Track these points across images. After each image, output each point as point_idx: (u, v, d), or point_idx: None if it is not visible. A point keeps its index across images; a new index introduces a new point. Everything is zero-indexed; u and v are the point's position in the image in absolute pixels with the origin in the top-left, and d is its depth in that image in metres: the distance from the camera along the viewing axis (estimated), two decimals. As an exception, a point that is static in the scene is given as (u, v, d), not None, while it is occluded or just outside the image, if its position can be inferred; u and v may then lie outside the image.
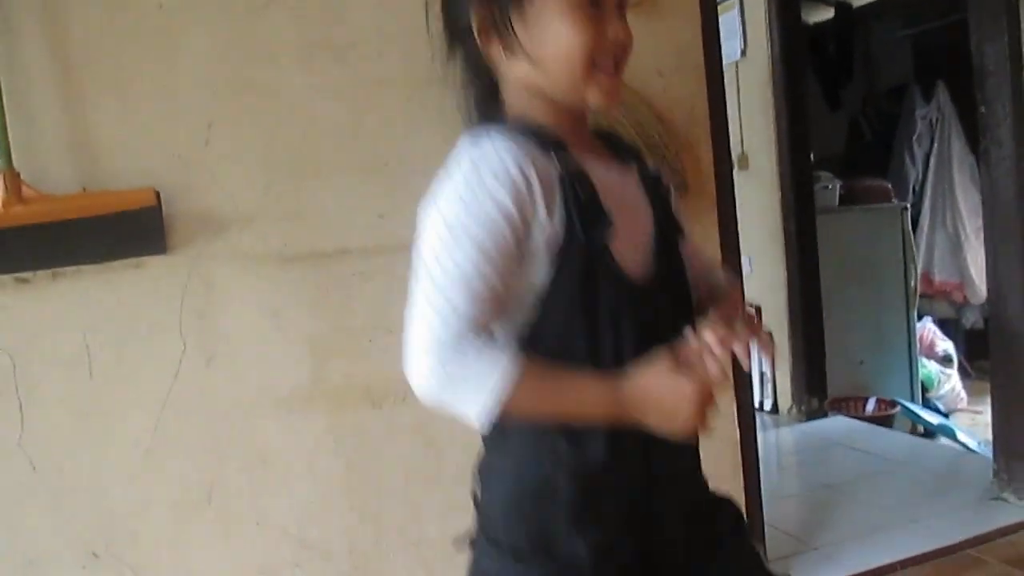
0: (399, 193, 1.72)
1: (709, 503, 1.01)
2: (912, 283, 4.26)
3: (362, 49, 1.71)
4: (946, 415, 4.26)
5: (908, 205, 4.36)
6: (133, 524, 1.59)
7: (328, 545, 1.70)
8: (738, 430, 2.07)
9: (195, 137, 1.61)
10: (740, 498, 2.04)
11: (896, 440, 3.45)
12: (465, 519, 1.77)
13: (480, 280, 0.81)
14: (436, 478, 1.77)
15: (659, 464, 0.90)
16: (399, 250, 1.67)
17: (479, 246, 0.82)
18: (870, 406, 3.91)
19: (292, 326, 1.67)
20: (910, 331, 4.22)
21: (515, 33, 0.88)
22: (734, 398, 2.08)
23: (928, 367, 4.40)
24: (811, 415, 3.75)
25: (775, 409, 3.90)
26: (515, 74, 0.91)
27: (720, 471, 2.01)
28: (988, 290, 2.81)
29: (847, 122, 5.67)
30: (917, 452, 3.26)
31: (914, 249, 4.32)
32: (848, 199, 4.24)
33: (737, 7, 3.84)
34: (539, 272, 0.85)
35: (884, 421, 3.84)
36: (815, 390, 3.78)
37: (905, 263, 4.24)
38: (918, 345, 4.36)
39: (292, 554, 1.68)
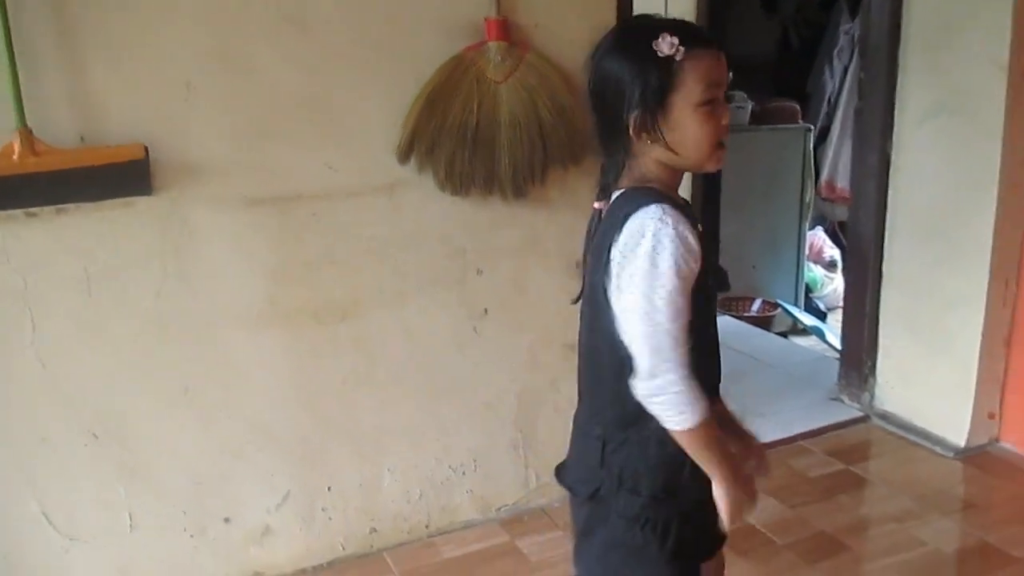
0: (345, 148, 2.06)
1: None
2: (807, 198, 4.72)
3: (322, 24, 1.98)
4: (825, 314, 4.84)
5: (811, 126, 4.76)
6: (124, 412, 1.96)
7: (280, 433, 2.13)
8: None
9: (176, 96, 1.88)
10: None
11: (769, 342, 3.97)
12: (391, 414, 2.22)
13: (679, 318, 1.18)
14: (369, 381, 2.19)
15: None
16: (344, 196, 2.06)
17: (677, 298, 1.17)
18: (755, 306, 4.45)
19: (254, 257, 2.02)
20: (800, 240, 4.73)
21: (661, 131, 1.23)
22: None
23: (814, 271, 4.94)
24: (701, 314, 4.25)
25: (672, 307, 4.39)
26: (652, 155, 1.26)
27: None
28: (849, 211, 3.27)
29: (780, 29, 5.93)
30: (784, 353, 3.80)
31: (812, 166, 4.76)
32: (760, 118, 4.62)
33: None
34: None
35: (766, 321, 4.39)
36: (707, 293, 4.27)
37: (803, 179, 4.69)
38: (807, 251, 4.89)
39: (251, 439, 2.10)
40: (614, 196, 1.28)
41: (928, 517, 2.46)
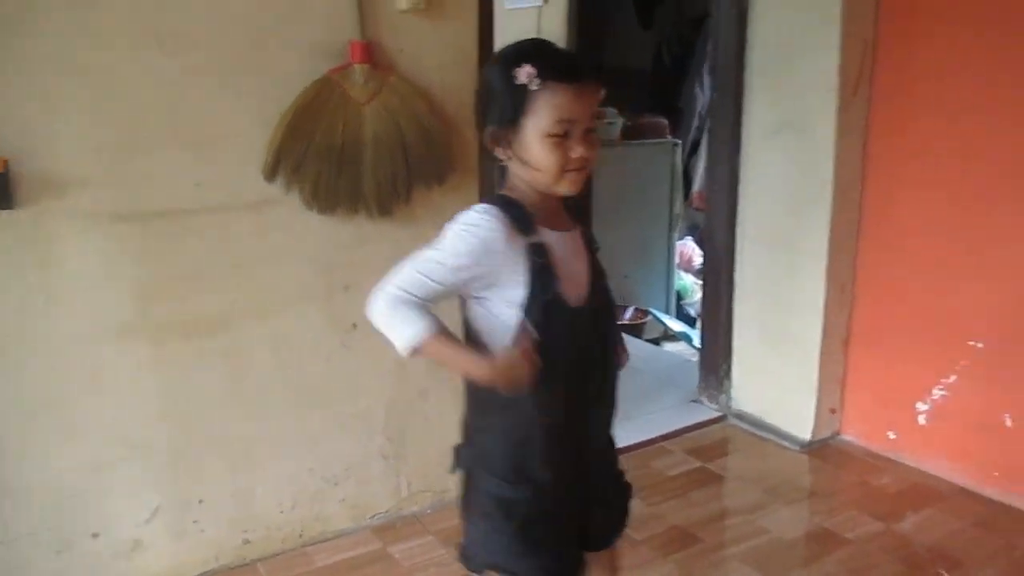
0: (213, 166, 2.10)
1: (613, 466, 1.63)
2: (676, 209, 4.97)
3: (187, 42, 2.01)
4: (695, 320, 5.09)
5: (679, 141, 5.00)
6: (-7, 427, 1.96)
7: (150, 446, 2.14)
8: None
9: (41, 110, 1.88)
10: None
11: (638, 348, 4.15)
12: (262, 426, 2.27)
13: (437, 283, 1.32)
14: (240, 395, 2.23)
15: (590, 435, 1.52)
16: (213, 212, 2.09)
17: (449, 267, 1.31)
18: (628, 314, 4.64)
19: (121, 272, 2.03)
20: (670, 249, 4.96)
21: (514, 149, 1.36)
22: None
23: (685, 279, 5.19)
24: (576, 324, 4.42)
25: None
26: (512, 169, 1.39)
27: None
28: (703, 223, 3.47)
29: (655, 44, 6.18)
30: (651, 359, 3.99)
31: (680, 180, 5.00)
32: (631, 133, 4.83)
33: (540, -44, 4.24)
34: (519, 297, 1.34)
35: (638, 328, 4.59)
36: (581, 301, 4.44)
37: (672, 192, 4.94)
38: (677, 260, 5.13)
39: (120, 453, 2.11)
40: None
41: (774, 507, 2.66)
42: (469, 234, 1.31)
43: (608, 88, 4.39)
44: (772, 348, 3.11)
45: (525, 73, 1.30)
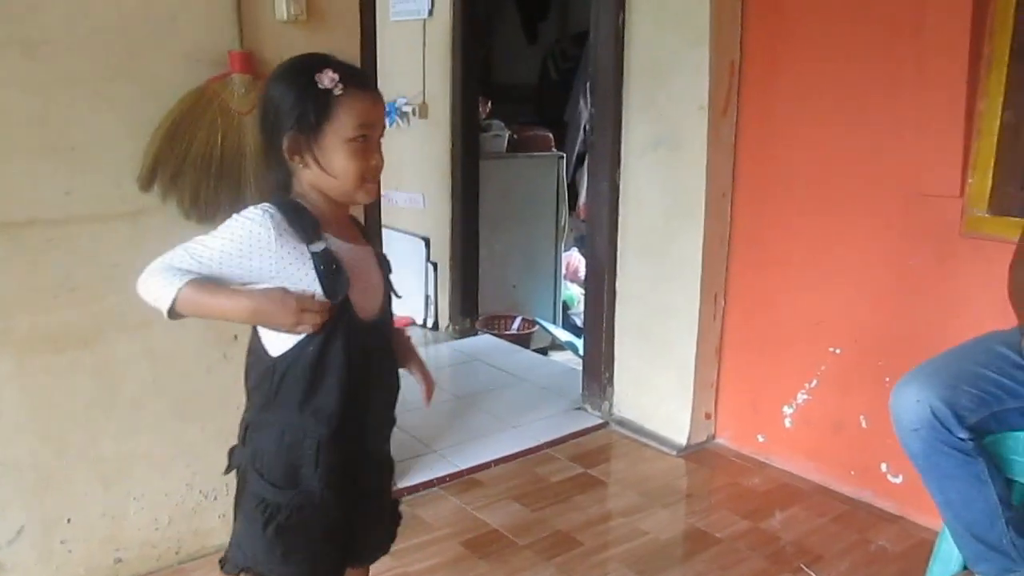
0: (85, 175, 2.05)
1: (387, 466, 1.62)
2: (562, 221, 5.08)
3: (55, 48, 1.96)
4: (580, 330, 5.20)
5: (563, 155, 5.12)
6: None
7: (14, 463, 2.06)
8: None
9: None
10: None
11: (524, 357, 4.23)
12: (136, 441, 2.21)
13: (199, 261, 1.33)
14: (113, 408, 2.17)
15: (367, 441, 1.50)
16: (84, 222, 2.04)
17: (214, 249, 1.32)
18: (515, 324, 4.72)
19: (-16, 284, 1.97)
20: (556, 260, 5.07)
21: (315, 156, 1.36)
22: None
23: (571, 289, 5.30)
24: (463, 333, 4.48)
25: (436, 327, 4.59)
26: (307, 177, 1.39)
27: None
28: (586, 234, 3.58)
29: (541, 59, 6.29)
30: (537, 368, 4.06)
31: (566, 192, 5.12)
32: (517, 146, 4.91)
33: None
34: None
35: (525, 338, 4.67)
36: (468, 312, 4.50)
37: (557, 203, 5.05)
38: (564, 271, 5.24)
39: (-15, 471, 2.03)
40: None
41: (652, 510, 2.75)
42: (238, 224, 1.32)
43: (495, 101, 4.47)
44: (651, 356, 3.23)
45: (329, 78, 1.33)
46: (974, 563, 1.93)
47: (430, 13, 4.29)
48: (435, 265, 4.52)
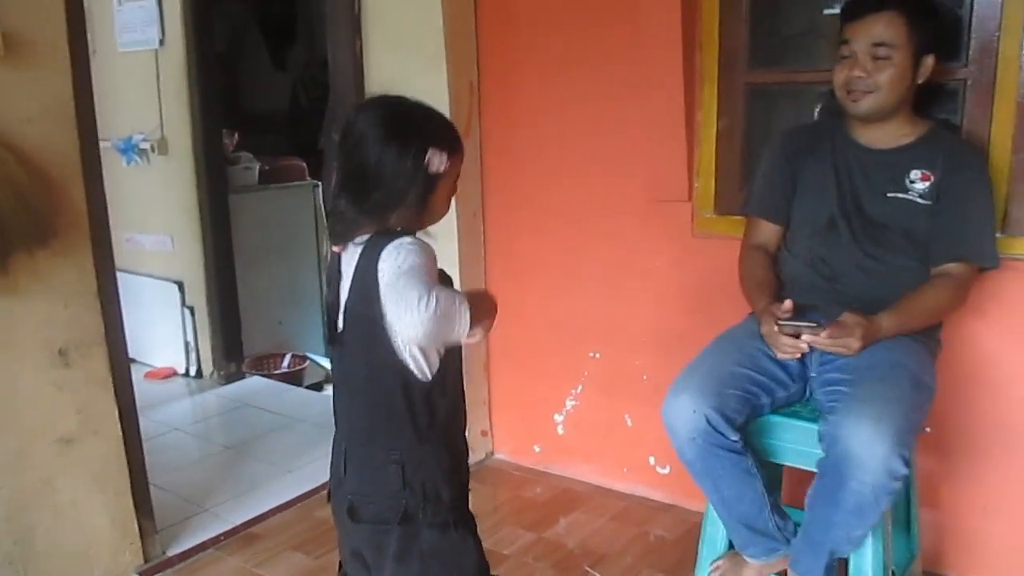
0: None
1: None
2: (323, 250, 4.96)
3: None
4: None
5: (319, 183, 5.00)
6: None
7: None
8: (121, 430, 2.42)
9: None
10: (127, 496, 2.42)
11: (296, 396, 4.07)
12: None
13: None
14: None
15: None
16: None
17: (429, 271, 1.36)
18: (285, 362, 4.53)
19: None
20: (322, 291, 4.94)
21: (419, 213, 1.44)
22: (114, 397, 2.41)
23: (340, 319, 5.18)
24: (229, 378, 4.24)
25: (199, 374, 4.32)
26: (404, 213, 1.42)
27: (106, 470, 2.36)
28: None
29: (291, 87, 6.12)
30: (310, 405, 3.90)
31: (324, 220, 4.99)
32: (269, 176, 4.74)
33: (154, -5, 4.01)
34: None
35: (297, 375, 4.50)
36: (232, 355, 4.27)
37: (317, 232, 4.92)
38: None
39: None
40: (361, 240, 1.42)
41: (438, 536, 2.72)
42: (420, 249, 1.37)
43: (244, 132, 4.27)
44: (423, 380, 3.20)
45: (438, 161, 1.42)
46: (743, 547, 2.05)
47: (161, 43, 4.03)
48: (192, 309, 4.25)
